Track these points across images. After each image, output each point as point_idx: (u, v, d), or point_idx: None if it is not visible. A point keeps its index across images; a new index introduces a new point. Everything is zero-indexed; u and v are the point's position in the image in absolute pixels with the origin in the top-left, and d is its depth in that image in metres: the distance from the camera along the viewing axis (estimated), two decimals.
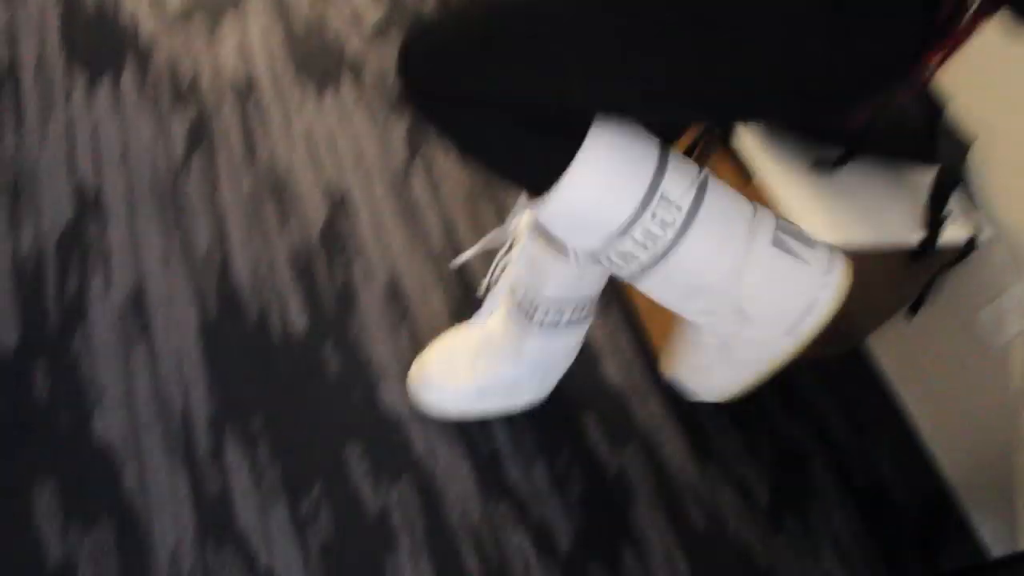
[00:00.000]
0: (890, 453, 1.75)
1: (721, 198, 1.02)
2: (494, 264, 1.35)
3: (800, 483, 1.62)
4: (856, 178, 1.49)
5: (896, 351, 1.74)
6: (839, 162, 1.44)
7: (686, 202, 0.99)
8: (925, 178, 1.51)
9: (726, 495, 1.54)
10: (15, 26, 1.62)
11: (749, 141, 1.45)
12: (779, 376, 1.76)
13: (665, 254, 1.01)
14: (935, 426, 1.67)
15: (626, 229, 0.99)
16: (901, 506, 1.69)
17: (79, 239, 1.38)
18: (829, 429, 1.74)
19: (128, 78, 1.64)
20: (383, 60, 1.95)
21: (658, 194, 0.98)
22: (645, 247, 1.00)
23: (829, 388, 1.81)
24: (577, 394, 1.54)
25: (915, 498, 1.70)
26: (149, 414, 1.25)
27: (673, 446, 1.56)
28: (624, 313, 1.70)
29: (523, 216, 1.28)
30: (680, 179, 0.99)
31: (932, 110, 1.48)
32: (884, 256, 1.44)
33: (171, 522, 1.17)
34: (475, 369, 1.38)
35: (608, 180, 0.96)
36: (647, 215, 0.98)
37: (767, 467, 1.61)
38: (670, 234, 0.99)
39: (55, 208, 1.40)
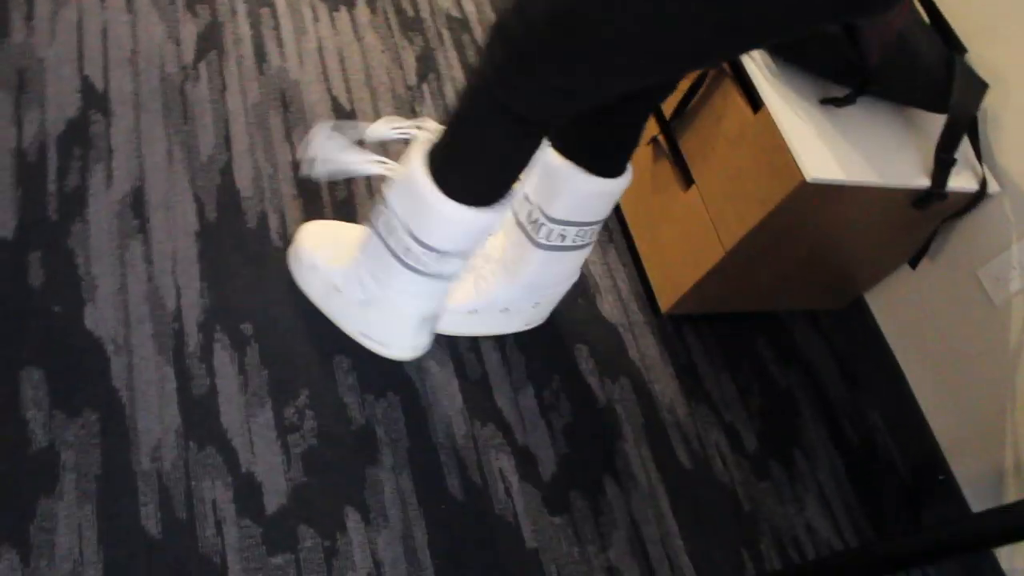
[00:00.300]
0: (881, 408, 1.74)
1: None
2: None
3: (789, 432, 1.62)
4: (865, 117, 1.47)
5: (894, 306, 1.73)
6: (848, 99, 1.42)
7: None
8: (935, 124, 1.48)
9: (714, 437, 1.54)
10: None
11: (759, 73, 1.43)
12: (776, 325, 1.76)
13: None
14: (928, 382, 1.66)
15: (410, 239, 1.18)
16: (888, 461, 1.69)
17: (82, 134, 1.38)
18: (822, 381, 1.74)
19: None
20: None
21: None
22: (409, 252, 1.20)
23: (825, 340, 1.80)
24: (571, 327, 1.54)
25: (903, 453, 1.70)
26: (141, 311, 1.25)
27: (664, 385, 1.55)
28: (624, 252, 1.69)
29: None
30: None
31: (948, 56, 1.45)
32: (887, 198, 1.43)
33: (156, 418, 1.18)
34: (467, 288, 1.38)
35: (465, 231, 1.16)
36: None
37: (757, 414, 1.61)
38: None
39: (60, 102, 1.39)
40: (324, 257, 1.33)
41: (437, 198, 1.12)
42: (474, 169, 1.13)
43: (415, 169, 1.13)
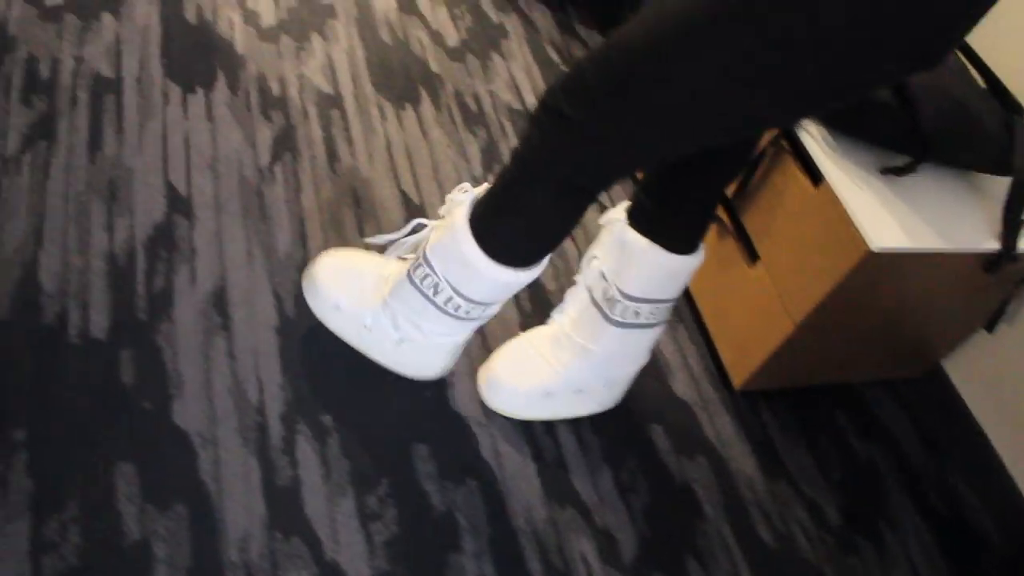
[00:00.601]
0: (968, 476, 1.70)
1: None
2: (585, 260, 1.37)
3: (874, 506, 1.59)
4: (927, 184, 1.47)
5: (974, 372, 1.70)
6: (908, 167, 1.42)
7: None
8: (1000, 186, 1.48)
9: (796, 514, 1.51)
10: (121, 41, 1.71)
11: (816, 146, 1.44)
12: (852, 396, 1.74)
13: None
14: (1016, 448, 1.62)
15: (456, 296, 1.24)
16: (981, 532, 1.64)
17: (168, 237, 1.44)
18: (904, 451, 1.70)
19: (220, 90, 1.71)
20: (460, 81, 1.99)
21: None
22: (450, 302, 1.26)
23: (904, 409, 1.77)
24: (645, 406, 1.54)
25: (996, 524, 1.65)
26: (226, 405, 1.29)
27: (741, 462, 1.54)
28: (693, 330, 1.70)
29: (614, 210, 1.32)
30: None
31: (1008, 118, 1.45)
32: (956, 264, 1.42)
33: (242, 510, 1.20)
34: (542, 370, 1.39)
35: (507, 287, 1.22)
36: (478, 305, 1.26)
37: (839, 488, 1.58)
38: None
39: (148, 208, 1.47)
40: (348, 298, 1.37)
41: (483, 262, 1.18)
42: (520, 234, 1.18)
43: (461, 234, 1.18)
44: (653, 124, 0.99)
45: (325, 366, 1.39)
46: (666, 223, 1.28)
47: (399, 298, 1.31)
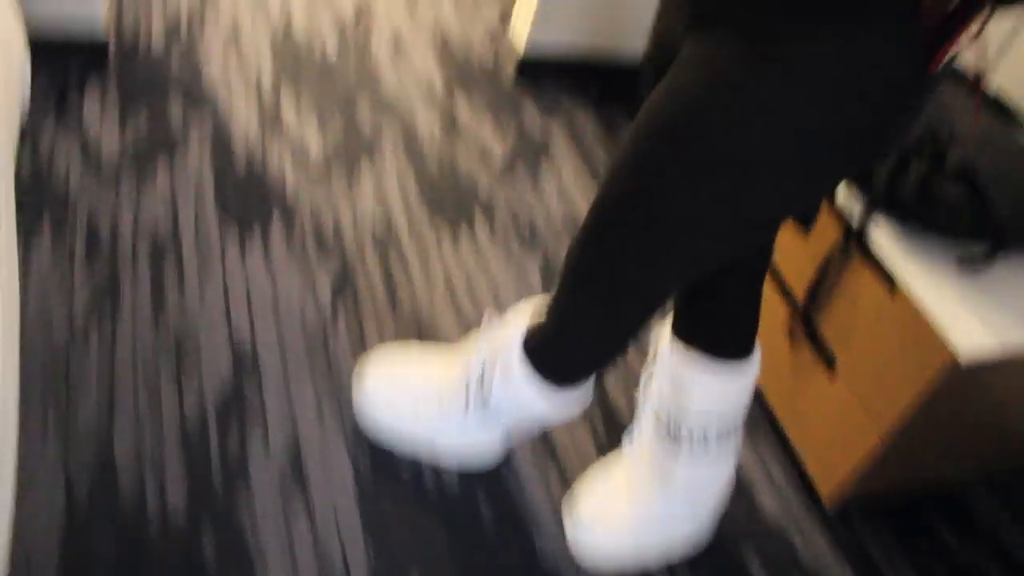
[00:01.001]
0: None
1: None
2: (641, 384, 1.35)
3: None
4: (1008, 274, 1.41)
5: None
6: (987, 257, 1.37)
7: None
8: None
9: None
10: (176, 193, 1.73)
11: (887, 246, 1.40)
12: (948, 497, 1.66)
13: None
14: None
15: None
16: None
17: (238, 398, 1.43)
18: (1011, 551, 1.62)
19: (276, 232, 1.72)
20: (512, 195, 1.98)
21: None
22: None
23: (1006, 506, 1.69)
24: (735, 530, 1.49)
25: None
26: (310, 574, 1.26)
27: None
28: (774, 443, 1.64)
29: (661, 331, 1.29)
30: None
31: None
32: None
33: None
34: (626, 506, 1.35)
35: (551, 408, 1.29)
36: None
37: None
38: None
39: (215, 367, 1.46)
40: (409, 416, 1.43)
41: (538, 397, 1.26)
42: (571, 372, 1.24)
43: (518, 373, 1.26)
44: (649, 265, 1.02)
45: (406, 524, 1.35)
46: (710, 330, 1.25)
47: (464, 411, 1.40)
